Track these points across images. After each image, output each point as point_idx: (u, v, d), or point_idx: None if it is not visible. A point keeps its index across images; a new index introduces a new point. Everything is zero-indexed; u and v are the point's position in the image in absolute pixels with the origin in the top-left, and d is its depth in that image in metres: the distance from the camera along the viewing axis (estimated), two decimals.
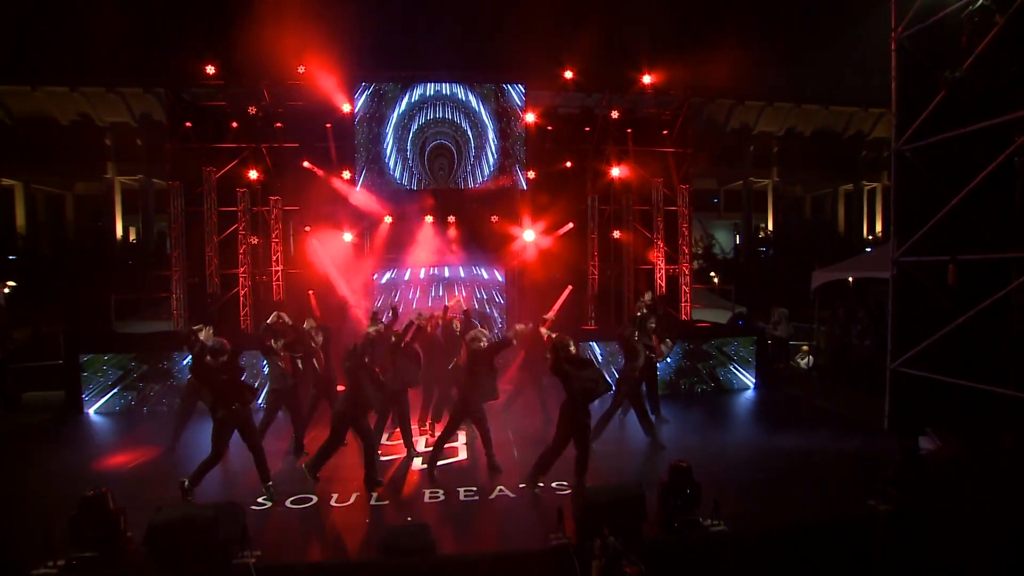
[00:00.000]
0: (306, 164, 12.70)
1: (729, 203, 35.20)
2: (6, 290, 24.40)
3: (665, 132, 13.90)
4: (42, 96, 27.43)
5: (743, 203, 34.03)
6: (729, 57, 18.98)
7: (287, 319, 8.02)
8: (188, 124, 12.48)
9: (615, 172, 13.53)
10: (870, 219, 34.62)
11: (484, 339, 6.96)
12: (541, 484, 6.37)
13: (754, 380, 10.86)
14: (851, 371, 11.04)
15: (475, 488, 6.41)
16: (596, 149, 13.88)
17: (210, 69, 12.02)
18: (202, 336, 7.32)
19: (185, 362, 9.26)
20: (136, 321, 14.24)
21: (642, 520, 5.02)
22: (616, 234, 13.84)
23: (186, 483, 5.92)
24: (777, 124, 32.78)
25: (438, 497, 6.23)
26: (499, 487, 6.43)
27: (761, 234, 33.08)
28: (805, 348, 12.89)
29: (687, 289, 13.85)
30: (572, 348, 6.30)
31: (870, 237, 33.06)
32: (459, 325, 8.55)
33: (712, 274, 26.61)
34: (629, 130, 13.70)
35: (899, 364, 8.04)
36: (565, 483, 6.47)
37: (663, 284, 13.85)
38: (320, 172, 12.72)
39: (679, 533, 5.06)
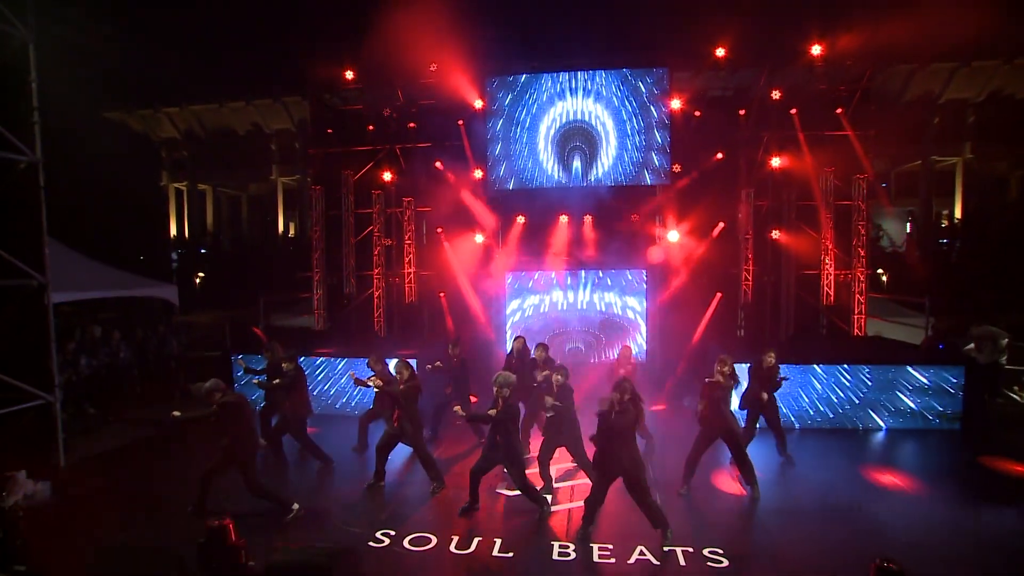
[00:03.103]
0: (438, 164, 12.39)
1: (901, 187, 29.81)
2: (197, 280, 28.03)
3: (839, 111, 11.55)
4: (227, 111, 30.94)
5: (921, 187, 28.57)
6: (917, 13, 15.49)
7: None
8: (329, 131, 12.75)
9: (775, 162, 11.53)
10: None
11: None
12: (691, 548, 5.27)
13: (956, 417, 8.55)
14: None
15: (611, 547, 5.42)
16: (752, 136, 11.94)
17: (349, 74, 12.10)
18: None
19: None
20: (284, 316, 15.14)
21: None
22: (775, 234, 11.82)
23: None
24: (975, 88, 26.75)
25: (568, 555, 5.33)
26: (639, 548, 5.38)
27: (944, 223, 27.64)
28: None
29: (862, 299, 11.48)
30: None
31: None
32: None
33: (880, 271, 22.59)
34: (793, 110, 11.59)
35: None
36: (720, 551, 5.28)
37: (831, 292, 11.61)
38: (451, 173, 12.34)
39: None
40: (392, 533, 5.70)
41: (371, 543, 5.51)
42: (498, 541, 5.54)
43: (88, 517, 6.17)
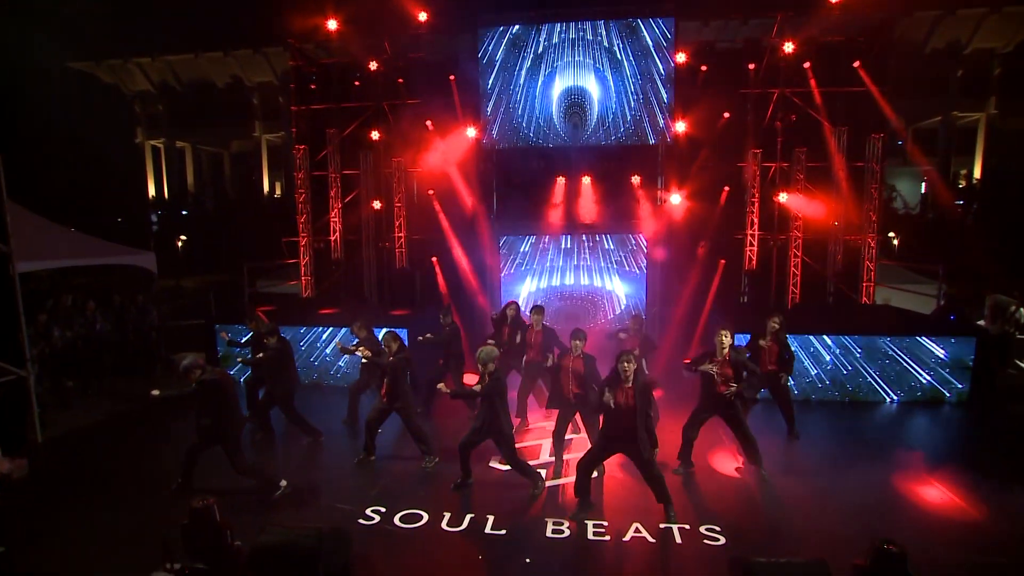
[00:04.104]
0: (428, 124, 12.11)
1: (919, 145, 29.23)
2: (179, 243, 27.81)
3: (857, 63, 11.22)
4: (203, 62, 30.08)
5: (940, 144, 28.10)
6: None
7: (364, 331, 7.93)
8: (313, 86, 12.42)
9: (785, 120, 11.29)
10: None
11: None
12: (687, 525, 5.40)
13: (964, 392, 8.65)
14: None
15: (605, 524, 5.52)
16: (762, 92, 11.65)
17: (332, 23, 11.68)
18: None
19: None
20: (271, 282, 15.07)
21: None
22: (782, 197, 11.67)
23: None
24: (1004, 37, 25.95)
25: (562, 532, 5.43)
26: (635, 525, 5.48)
27: (961, 183, 27.29)
28: None
29: (871, 266, 11.42)
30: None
31: None
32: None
33: (892, 234, 22.44)
34: (807, 64, 11.27)
35: None
36: (718, 528, 5.38)
37: (840, 258, 11.55)
38: (443, 132, 12.08)
39: None
40: (383, 510, 5.79)
41: (361, 520, 5.60)
42: (491, 518, 5.64)
43: (68, 495, 6.23)
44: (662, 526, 5.44)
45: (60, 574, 4.89)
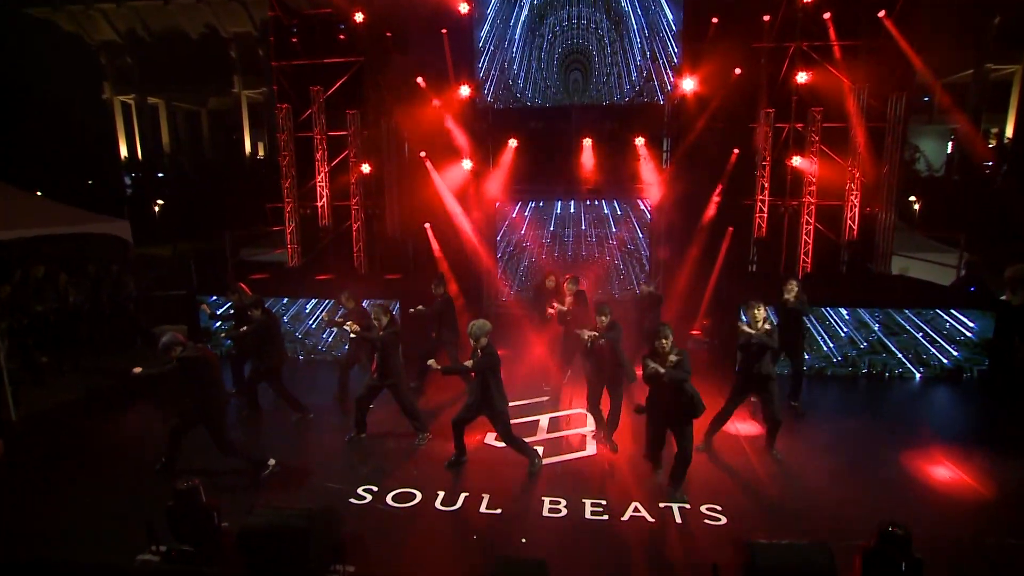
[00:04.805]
0: (419, 81, 11.90)
1: (947, 101, 28.71)
2: (156, 208, 27.61)
3: (882, 13, 10.99)
4: (174, 9, 29.27)
5: (970, 100, 27.52)
6: None
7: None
8: (294, 39, 12.17)
9: (801, 77, 11.12)
10: None
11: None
12: (687, 505, 5.57)
13: (982, 368, 8.76)
14: None
15: (604, 503, 5.68)
16: (776, 47, 11.44)
17: None
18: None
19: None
20: (255, 250, 15.05)
21: None
22: (795, 160, 11.58)
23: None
24: None
25: (559, 511, 5.58)
26: (634, 504, 5.64)
27: (992, 142, 26.93)
28: None
29: (889, 234, 11.41)
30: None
31: None
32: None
33: (912, 198, 22.32)
34: (827, 14, 11.05)
35: None
36: (719, 508, 5.54)
37: (855, 226, 11.53)
38: (434, 90, 11.89)
39: None
40: (375, 489, 5.94)
41: (352, 500, 5.76)
42: (486, 496, 5.80)
43: (46, 477, 6.31)
44: (662, 505, 5.60)
45: (40, 560, 4.91)
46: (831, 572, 4.05)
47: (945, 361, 8.87)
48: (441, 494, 5.85)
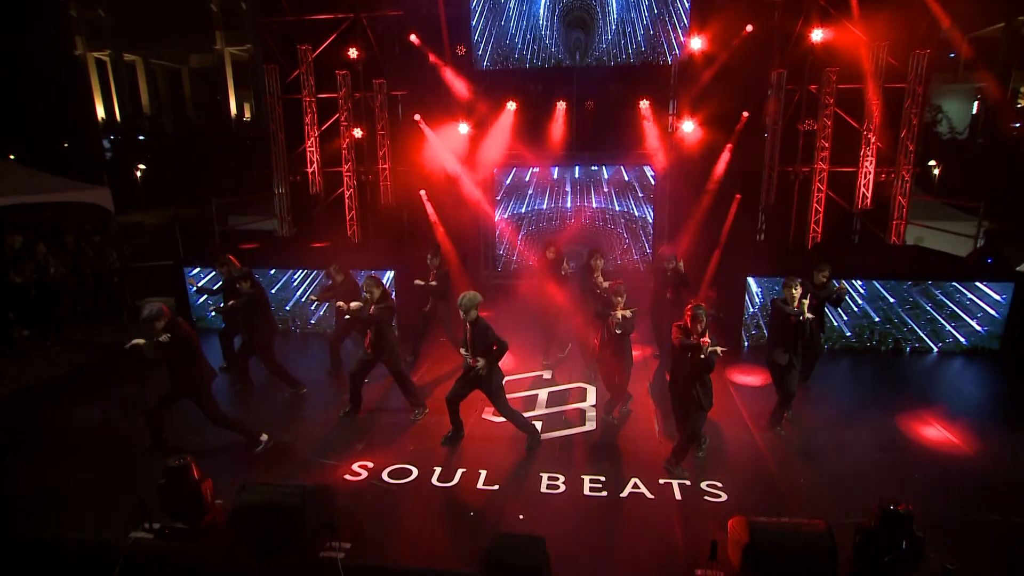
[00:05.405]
0: (413, 39, 11.74)
1: (973, 58, 28.12)
2: (137, 173, 27.42)
3: None
4: None
5: (1000, 56, 26.82)
6: None
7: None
8: None
9: (816, 35, 10.96)
10: None
11: None
12: (688, 481, 5.73)
13: (998, 342, 8.86)
14: None
15: (603, 479, 5.82)
16: (790, 2, 11.25)
17: None
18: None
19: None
20: (243, 219, 15.02)
21: None
22: (808, 124, 11.50)
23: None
24: None
25: (557, 487, 5.74)
26: (633, 480, 5.79)
27: (1021, 102, 26.48)
28: None
29: (903, 201, 11.40)
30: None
31: None
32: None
33: (932, 163, 22.14)
34: None
35: None
36: (719, 484, 5.69)
37: (869, 194, 11.51)
38: (429, 49, 11.72)
39: None
40: (370, 465, 6.08)
41: (347, 476, 5.89)
42: (483, 472, 5.94)
43: (33, 454, 6.41)
44: (662, 482, 5.74)
45: (31, 538, 5.07)
46: (831, 550, 4.20)
47: (957, 333, 8.95)
48: (438, 470, 5.99)
